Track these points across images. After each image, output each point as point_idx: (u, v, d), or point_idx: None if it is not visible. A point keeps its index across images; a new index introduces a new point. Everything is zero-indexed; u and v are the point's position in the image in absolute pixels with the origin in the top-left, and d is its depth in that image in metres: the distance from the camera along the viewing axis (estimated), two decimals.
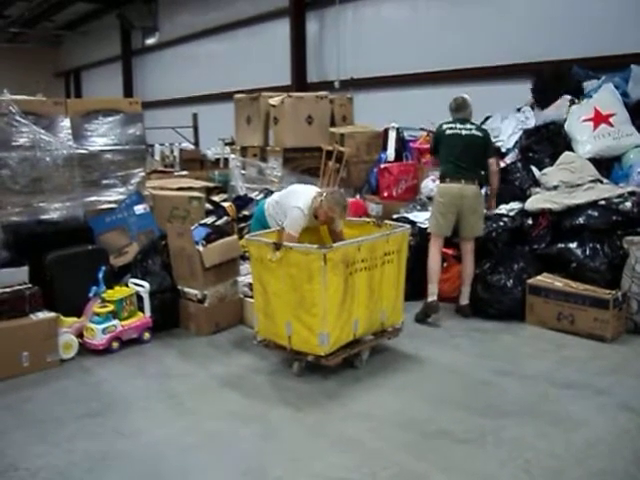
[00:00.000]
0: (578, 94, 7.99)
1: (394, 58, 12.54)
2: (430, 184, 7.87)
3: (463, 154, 6.28)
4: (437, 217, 6.42)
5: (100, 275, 5.87)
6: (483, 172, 6.44)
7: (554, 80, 8.29)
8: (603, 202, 6.44)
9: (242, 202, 8.54)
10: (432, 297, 6.34)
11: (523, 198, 7.07)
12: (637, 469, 3.79)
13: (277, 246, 4.93)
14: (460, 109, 6.48)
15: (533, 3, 10.12)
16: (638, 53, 8.38)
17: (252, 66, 16.27)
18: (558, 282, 6.09)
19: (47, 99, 6.99)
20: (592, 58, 8.98)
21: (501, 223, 6.81)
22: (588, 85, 8.21)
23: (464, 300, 6.50)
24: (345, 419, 4.45)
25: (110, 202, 6.90)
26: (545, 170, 7.26)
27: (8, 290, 5.38)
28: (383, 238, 5.30)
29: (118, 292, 5.94)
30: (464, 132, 6.33)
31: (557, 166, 7.20)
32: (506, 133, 8.34)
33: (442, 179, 6.41)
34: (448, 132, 6.39)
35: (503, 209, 7.10)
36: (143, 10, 20.88)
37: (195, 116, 17.08)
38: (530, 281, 6.23)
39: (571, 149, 7.54)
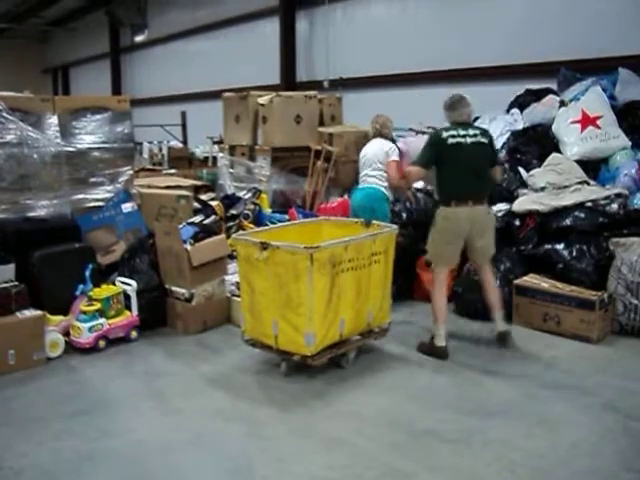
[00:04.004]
0: None
1: (383, 58, 12.55)
2: None
3: (470, 169, 5.41)
4: (442, 246, 5.55)
5: (87, 273, 5.85)
6: (490, 184, 5.69)
7: None
8: (590, 204, 6.47)
9: (230, 201, 8.52)
10: (441, 342, 5.50)
11: (510, 199, 7.09)
12: (621, 469, 3.81)
13: (264, 245, 4.93)
14: (456, 107, 5.59)
15: (523, 5, 10.15)
16: (625, 56, 8.41)
17: (241, 65, 16.23)
18: (544, 283, 6.12)
19: (34, 96, 6.96)
20: (580, 60, 9.02)
21: None
22: (576, 87, 8.26)
23: (501, 326, 5.71)
24: (331, 419, 4.46)
25: (98, 200, 6.88)
26: (532, 172, 7.29)
27: None
28: (370, 238, 5.31)
29: (105, 290, 5.92)
30: (469, 140, 5.41)
31: (544, 168, 7.23)
32: (494, 134, 8.36)
33: (446, 202, 5.45)
34: (451, 141, 5.39)
35: None
36: (132, 7, 20.77)
37: (184, 114, 17.04)
38: (517, 282, 6.26)
39: (558, 151, 7.58)
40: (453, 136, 5.42)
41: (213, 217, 7.50)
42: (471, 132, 5.49)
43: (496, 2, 10.56)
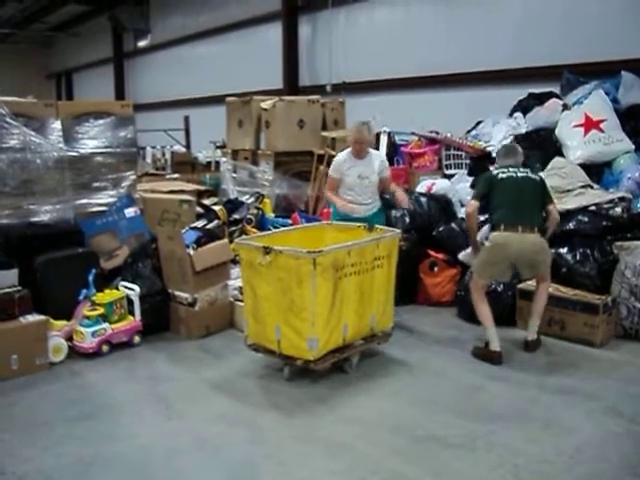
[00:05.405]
0: None
1: (386, 62, 12.54)
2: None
3: (520, 198, 5.57)
4: (485, 263, 5.66)
5: (90, 278, 5.85)
6: (541, 217, 5.69)
7: None
8: (593, 208, 6.47)
9: (233, 205, 8.53)
10: (495, 347, 5.53)
11: None
12: (625, 473, 3.80)
13: (267, 250, 4.93)
14: (510, 155, 5.87)
15: (526, 9, 10.13)
16: (628, 59, 8.40)
17: (244, 69, 16.24)
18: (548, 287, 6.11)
19: (38, 101, 6.98)
20: (583, 64, 9.00)
21: None
22: (579, 91, 8.25)
23: (531, 335, 5.77)
24: (335, 424, 4.45)
25: (101, 205, 6.87)
26: None
27: None
28: (373, 243, 5.30)
29: (108, 295, 5.92)
30: (520, 174, 5.64)
31: (548, 172, 7.22)
32: (497, 138, 8.36)
33: (496, 227, 5.58)
34: (502, 176, 5.65)
35: None
36: (135, 12, 20.80)
37: (187, 119, 17.05)
38: (520, 286, 6.24)
39: (562, 155, 7.58)
40: (504, 172, 5.70)
41: (216, 222, 7.51)
42: (522, 170, 5.73)
43: (499, 6, 10.55)
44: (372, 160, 6.25)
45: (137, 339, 5.97)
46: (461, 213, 7.68)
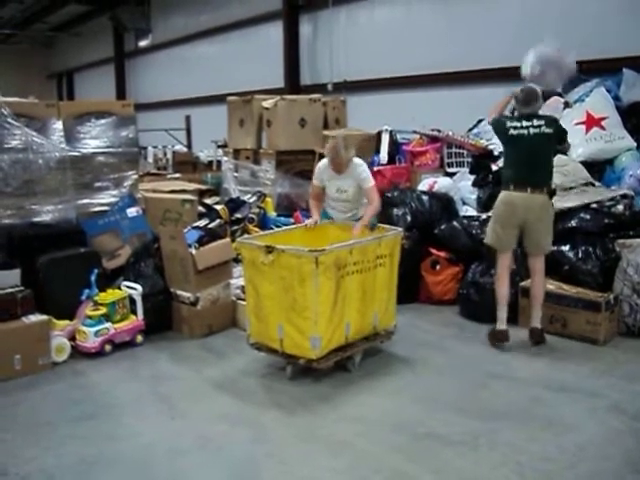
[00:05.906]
0: None
1: (387, 61, 12.53)
2: None
3: (531, 157, 5.53)
4: (496, 229, 5.73)
5: (92, 278, 5.85)
6: (552, 175, 5.69)
7: None
8: (595, 205, 6.46)
9: (235, 205, 8.53)
10: (501, 325, 5.71)
11: None
12: (628, 471, 3.80)
13: (269, 249, 4.93)
14: (530, 102, 5.64)
15: (525, 7, 10.13)
16: (630, 57, 8.38)
17: (245, 69, 16.23)
18: (550, 285, 6.10)
19: (39, 101, 6.98)
20: (584, 61, 8.96)
21: None
22: (580, 89, 8.24)
23: (535, 323, 5.79)
24: (337, 422, 4.45)
25: (103, 205, 6.87)
26: None
27: (0, 293, 5.36)
28: (375, 241, 5.30)
29: (110, 295, 5.92)
30: (532, 131, 5.50)
31: None
32: None
33: (505, 186, 5.65)
34: (512, 132, 5.58)
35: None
36: (136, 12, 20.81)
37: (188, 118, 17.06)
38: (522, 284, 6.23)
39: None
40: (515, 127, 5.60)
41: (218, 221, 7.51)
42: (535, 123, 5.57)
43: (498, 4, 10.55)
44: (351, 174, 6.01)
45: (140, 338, 5.97)
46: (463, 211, 7.69)
